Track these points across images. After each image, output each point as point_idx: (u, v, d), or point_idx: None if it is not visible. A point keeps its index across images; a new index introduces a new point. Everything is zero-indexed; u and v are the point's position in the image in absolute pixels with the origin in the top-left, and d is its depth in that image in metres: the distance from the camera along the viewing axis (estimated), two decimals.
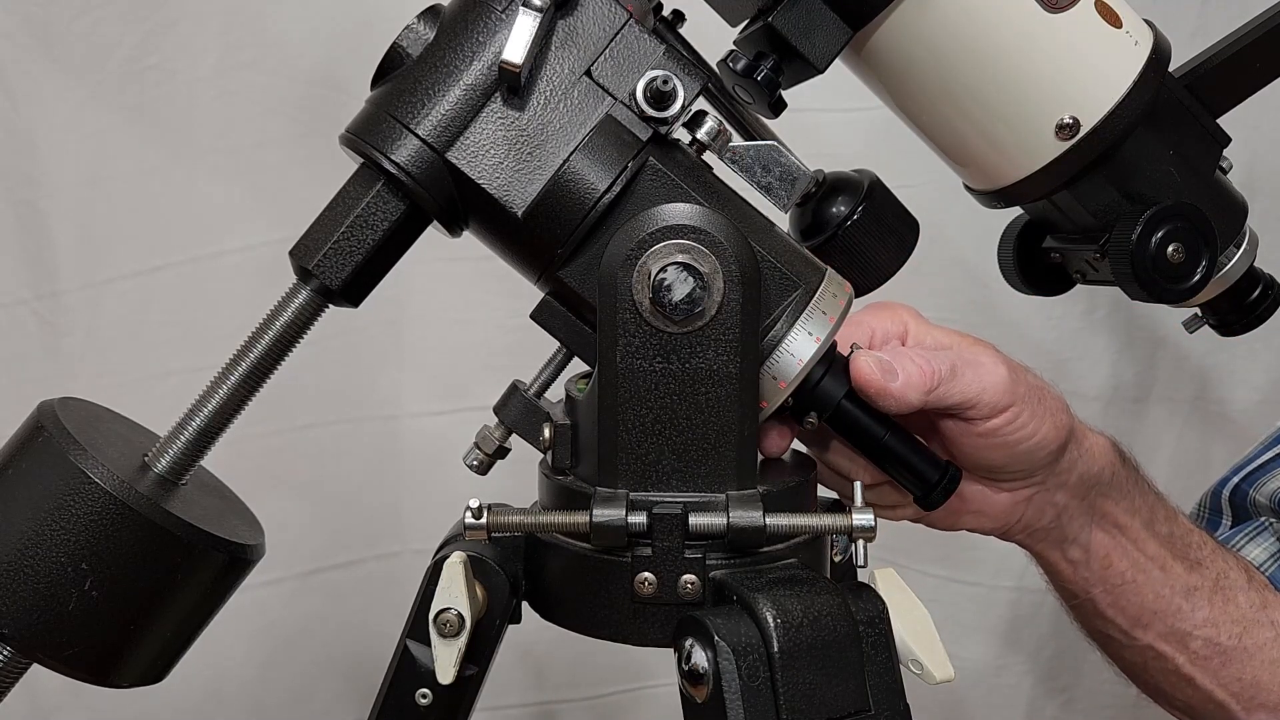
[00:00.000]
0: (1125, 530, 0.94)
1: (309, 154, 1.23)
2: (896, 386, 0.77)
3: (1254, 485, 1.08)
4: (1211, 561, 0.98)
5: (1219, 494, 1.11)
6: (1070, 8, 0.79)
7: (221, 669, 1.32)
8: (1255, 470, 1.09)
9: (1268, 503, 1.07)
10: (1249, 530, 1.07)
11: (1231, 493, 1.10)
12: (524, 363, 0.77)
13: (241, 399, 0.73)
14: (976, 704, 1.46)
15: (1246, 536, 1.07)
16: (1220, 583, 0.97)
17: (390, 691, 0.77)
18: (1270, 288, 0.90)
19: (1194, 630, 0.96)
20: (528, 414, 0.74)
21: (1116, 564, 0.95)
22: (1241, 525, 1.08)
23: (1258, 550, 1.05)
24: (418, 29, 0.72)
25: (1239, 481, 1.10)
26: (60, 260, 1.27)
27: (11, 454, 0.71)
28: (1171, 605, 0.96)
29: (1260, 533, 1.06)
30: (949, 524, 0.91)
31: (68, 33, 1.23)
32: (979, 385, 0.81)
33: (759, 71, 0.77)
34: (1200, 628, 0.96)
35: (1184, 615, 0.96)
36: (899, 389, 0.77)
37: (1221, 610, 0.97)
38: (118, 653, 0.71)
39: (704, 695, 0.66)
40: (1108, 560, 0.95)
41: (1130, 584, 0.95)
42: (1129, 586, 0.95)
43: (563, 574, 0.74)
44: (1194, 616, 0.96)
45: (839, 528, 0.71)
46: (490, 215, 0.72)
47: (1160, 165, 0.83)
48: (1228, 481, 1.11)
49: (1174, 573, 0.95)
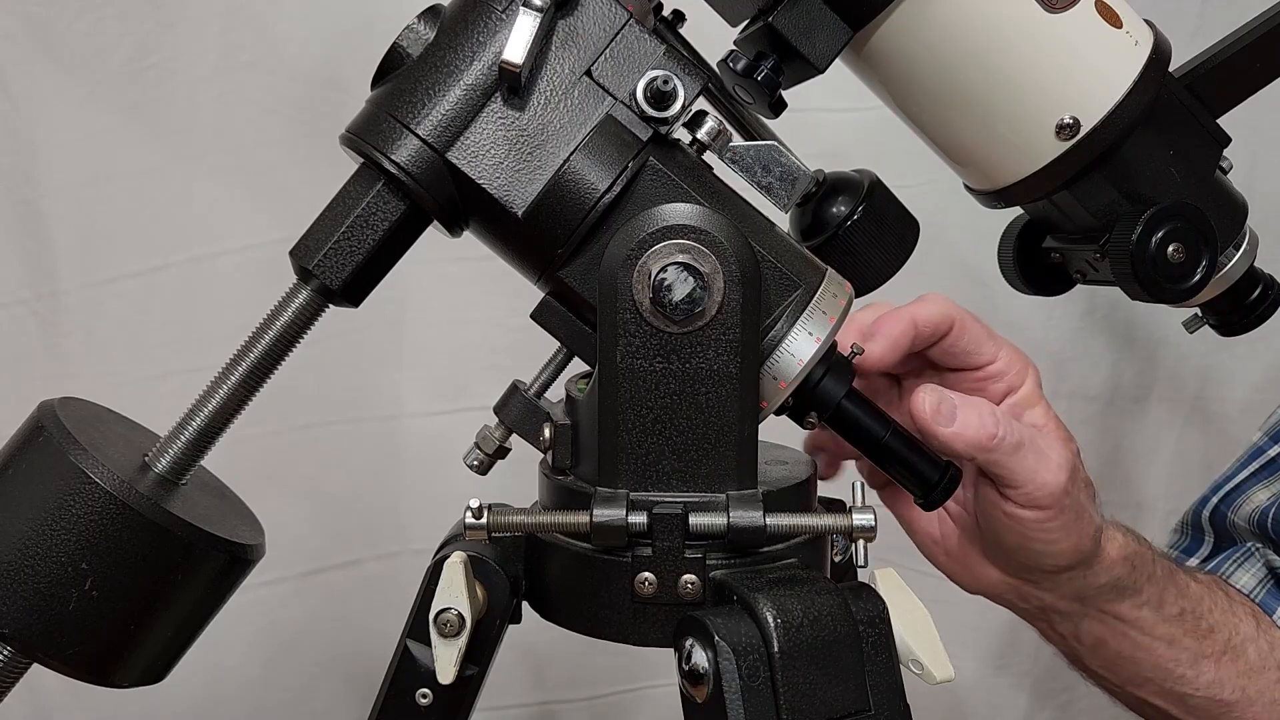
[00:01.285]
0: (1129, 621, 0.92)
1: (309, 154, 1.23)
2: (944, 431, 0.78)
3: (1231, 507, 1.08)
4: (1223, 624, 0.97)
5: (1199, 514, 1.11)
6: (1070, 8, 0.79)
7: (221, 669, 1.32)
8: (1231, 491, 1.09)
9: (1246, 525, 1.07)
10: (1237, 556, 1.07)
11: (1211, 514, 1.10)
12: (524, 363, 0.77)
13: (241, 399, 0.73)
14: (976, 704, 1.46)
15: (1235, 563, 1.07)
16: (1230, 643, 0.96)
17: (390, 691, 0.77)
18: (1270, 288, 0.90)
19: (1195, 691, 0.95)
20: (528, 414, 0.74)
21: (1112, 645, 0.93)
22: (1229, 551, 1.08)
23: (1246, 576, 1.05)
24: (418, 29, 0.72)
25: (1217, 503, 1.10)
26: (60, 260, 1.27)
27: (12, 454, 0.71)
28: (1174, 674, 0.94)
29: (1248, 558, 1.07)
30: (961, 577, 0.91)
31: (68, 33, 1.23)
32: (1032, 475, 0.81)
33: (759, 71, 0.77)
34: (1203, 689, 0.95)
35: (1186, 680, 0.95)
36: (946, 434, 0.78)
37: (1229, 669, 0.96)
38: (118, 652, 0.71)
39: (704, 695, 0.66)
40: (1101, 642, 0.94)
41: (1127, 659, 0.94)
42: (1124, 660, 0.94)
43: (563, 574, 0.74)
44: (1197, 681, 0.95)
45: (839, 528, 0.71)
46: (490, 215, 0.72)
47: (1160, 165, 0.83)
48: (1207, 501, 1.11)
49: (1181, 646, 0.94)
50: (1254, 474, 1.09)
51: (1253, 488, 1.08)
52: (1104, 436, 1.45)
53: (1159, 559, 0.94)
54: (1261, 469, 1.09)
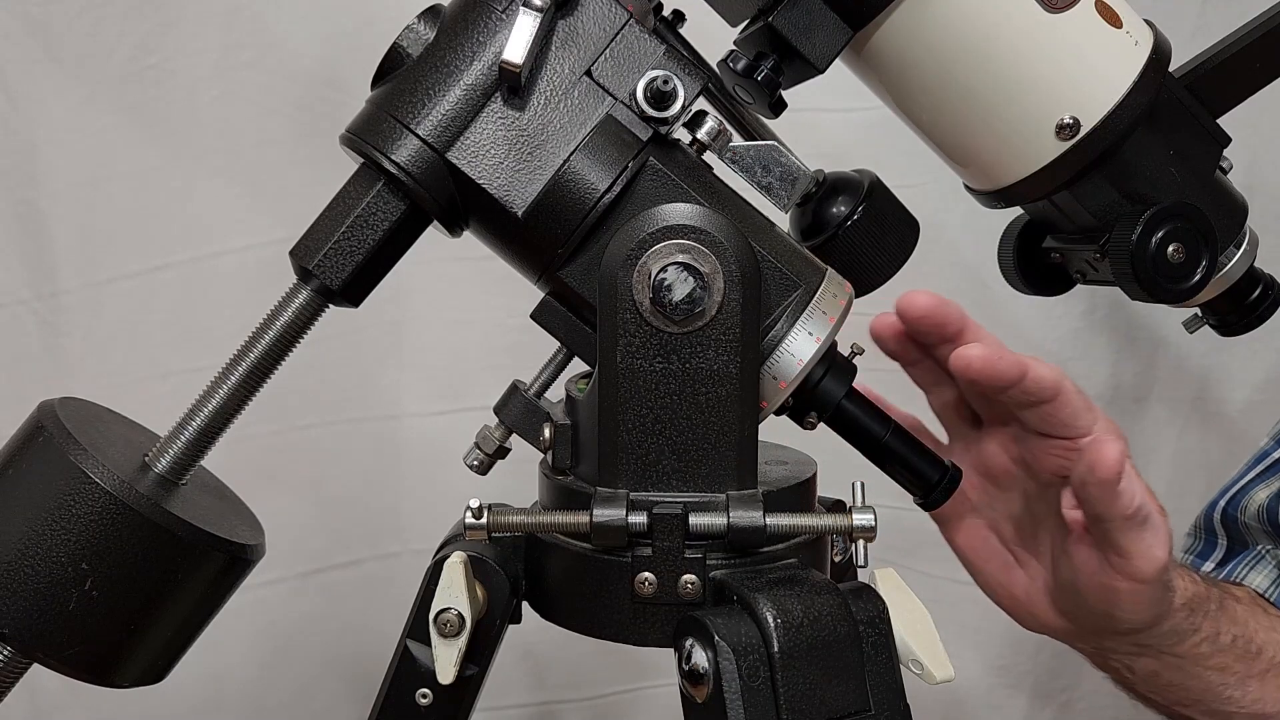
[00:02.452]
0: (1185, 657, 0.92)
1: (309, 154, 1.23)
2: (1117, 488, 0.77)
3: (1238, 508, 1.09)
4: (1269, 643, 0.97)
5: (1210, 517, 1.12)
6: (1070, 8, 0.79)
7: (221, 669, 1.32)
8: (1237, 494, 1.10)
9: (1256, 522, 1.07)
10: (1249, 559, 1.08)
11: (1221, 516, 1.11)
12: (524, 363, 0.77)
13: (242, 399, 0.73)
14: (976, 704, 1.46)
15: (1247, 565, 1.08)
16: (1275, 660, 0.97)
17: (390, 691, 0.77)
18: (1270, 288, 0.90)
19: (1240, 710, 0.96)
20: (528, 414, 0.74)
21: (1165, 676, 0.93)
22: (1241, 554, 1.09)
23: (1259, 578, 1.06)
24: (418, 29, 0.72)
25: (1225, 505, 1.11)
26: (60, 260, 1.26)
27: (12, 454, 0.71)
28: (1221, 696, 0.95)
29: (1259, 560, 1.07)
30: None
31: (68, 33, 1.23)
32: (1147, 550, 0.81)
33: (759, 71, 0.77)
34: (1248, 706, 0.96)
35: (1233, 701, 0.95)
36: (1118, 490, 0.78)
37: (1273, 684, 0.96)
38: (118, 653, 0.71)
39: (704, 695, 0.66)
40: (1154, 674, 0.94)
41: (1179, 686, 0.94)
42: (1175, 687, 0.94)
43: (563, 574, 0.74)
44: (1243, 700, 0.95)
45: (839, 528, 0.71)
46: (490, 215, 0.72)
47: (1160, 165, 0.83)
48: (1215, 505, 1.12)
49: (1231, 671, 0.94)
50: (1258, 476, 1.10)
51: (1255, 489, 1.09)
52: None
53: (1211, 590, 0.94)
54: (1265, 471, 1.10)
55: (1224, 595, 0.97)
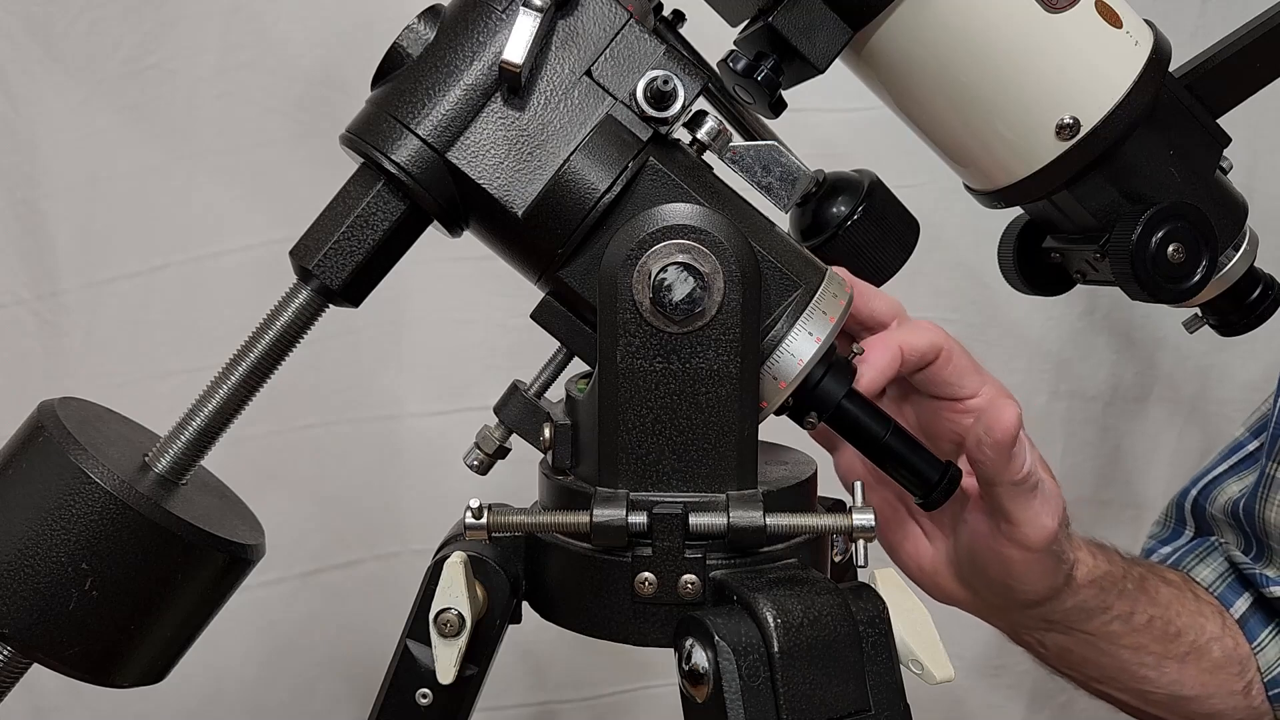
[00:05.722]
0: (1096, 635, 0.93)
1: (309, 154, 1.23)
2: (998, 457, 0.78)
3: (1208, 499, 1.09)
4: (1190, 626, 0.98)
5: (1181, 505, 1.12)
6: (1070, 8, 0.79)
7: (221, 669, 1.32)
8: (1209, 484, 1.11)
9: (1222, 516, 1.08)
10: (1199, 550, 1.09)
11: (1191, 505, 1.11)
12: (524, 363, 0.77)
13: (241, 399, 0.73)
14: (976, 704, 1.46)
15: (1196, 557, 1.08)
16: (1195, 643, 0.98)
17: (390, 691, 0.77)
18: (1270, 288, 0.90)
19: (1157, 689, 0.96)
20: (528, 414, 0.74)
21: (1077, 653, 0.94)
22: (1194, 544, 1.10)
23: (1206, 571, 1.07)
24: (418, 29, 0.72)
25: (1196, 495, 1.11)
26: (60, 260, 1.27)
27: (12, 454, 0.71)
28: (1137, 675, 0.96)
29: (1210, 553, 1.08)
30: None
31: (68, 33, 1.23)
32: (1035, 518, 0.81)
33: (759, 71, 0.77)
34: (1165, 687, 0.96)
35: (1149, 680, 0.96)
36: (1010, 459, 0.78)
37: (1193, 668, 0.97)
38: (118, 653, 0.71)
39: (704, 695, 0.66)
40: (1066, 650, 0.94)
41: (1092, 663, 0.95)
42: (1089, 663, 0.95)
43: (563, 574, 0.74)
44: (1160, 680, 0.96)
45: (839, 528, 0.71)
46: (490, 215, 0.72)
47: (1160, 165, 0.83)
48: (1187, 493, 1.12)
49: (1147, 651, 0.95)
50: (1231, 468, 1.10)
51: (1227, 480, 1.10)
52: (1104, 436, 1.45)
53: (1131, 569, 0.95)
54: (1239, 463, 1.10)
55: (1147, 576, 0.97)
